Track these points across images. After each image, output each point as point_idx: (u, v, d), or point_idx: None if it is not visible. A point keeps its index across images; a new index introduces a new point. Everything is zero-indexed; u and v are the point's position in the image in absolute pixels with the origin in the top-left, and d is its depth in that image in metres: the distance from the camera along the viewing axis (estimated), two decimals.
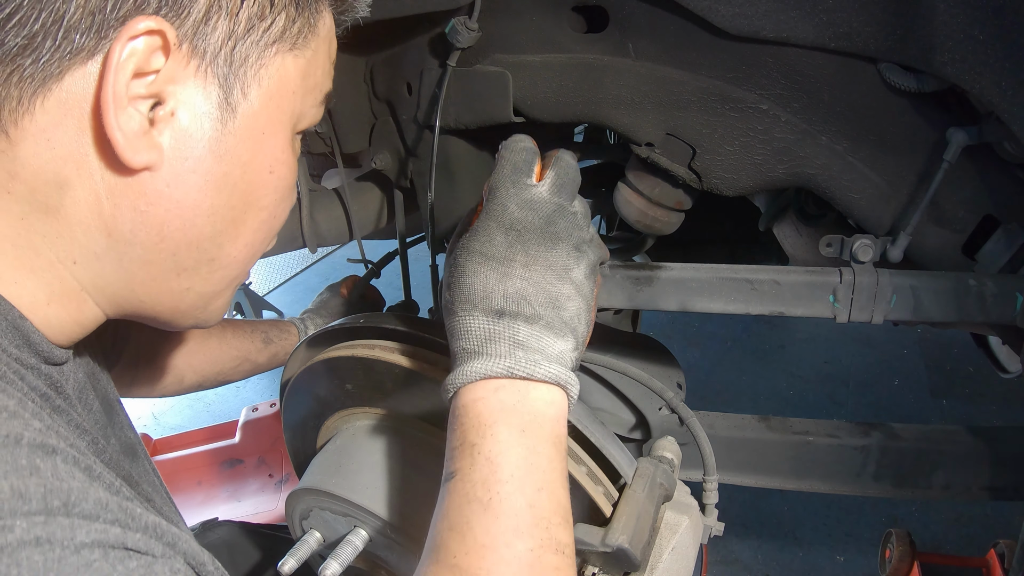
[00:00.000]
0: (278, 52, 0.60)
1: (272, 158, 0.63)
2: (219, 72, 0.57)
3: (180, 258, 0.61)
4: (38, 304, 0.58)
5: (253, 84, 0.59)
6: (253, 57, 0.59)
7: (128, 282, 0.61)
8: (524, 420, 0.61)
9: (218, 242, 0.62)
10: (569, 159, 0.71)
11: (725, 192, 0.99)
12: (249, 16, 0.57)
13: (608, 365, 0.98)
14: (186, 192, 0.58)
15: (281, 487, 2.41)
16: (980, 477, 1.09)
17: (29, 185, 0.54)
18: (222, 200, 0.60)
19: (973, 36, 0.76)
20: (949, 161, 0.84)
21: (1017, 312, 0.88)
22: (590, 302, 0.68)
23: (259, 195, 0.63)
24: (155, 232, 0.58)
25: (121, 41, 0.52)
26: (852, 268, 0.91)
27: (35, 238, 0.56)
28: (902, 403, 2.76)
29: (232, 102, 0.58)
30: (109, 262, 0.59)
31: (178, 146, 0.57)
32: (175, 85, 0.55)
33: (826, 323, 1.15)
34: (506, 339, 0.63)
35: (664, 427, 1.14)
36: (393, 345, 0.85)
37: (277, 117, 0.62)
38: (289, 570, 0.85)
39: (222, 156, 0.59)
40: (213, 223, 0.61)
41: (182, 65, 0.55)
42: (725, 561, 2.16)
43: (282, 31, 0.60)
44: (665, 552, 0.76)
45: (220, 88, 0.57)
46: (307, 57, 0.63)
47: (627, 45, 0.95)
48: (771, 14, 0.84)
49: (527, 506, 0.57)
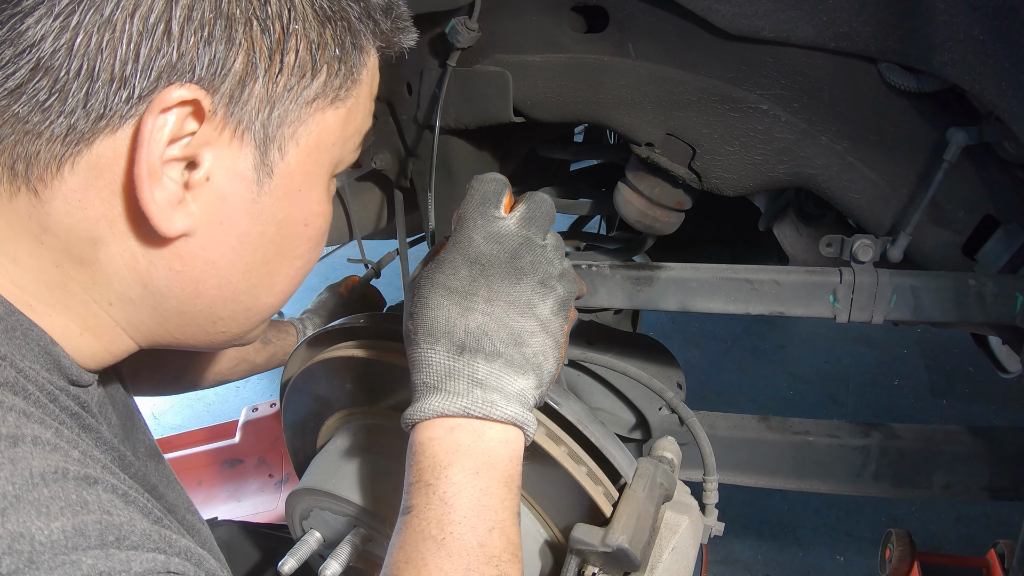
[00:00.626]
0: (318, 108, 0.59)
1: (308, 212, 0.62)
2: (255, 135, 0.56)
3: (216, 310, 0.62)
4: (71, 334, 0.58)
5: (290, 144, 0.58)
6: (291, 117, 0.57)
7: (163, 324, 0.61)
8: (478, 461, 0.63)
9: (254, 294, 0.63)
10: (542, 195, 0.70)
11: (725, 192, 0.99)
12: (288, 78, 0.56)
13: (608, 365, 0.98)
14: (221, 253, 0.58)
15: (281, 487, 2.41)
16: (980, 477, 1.09)
17: (62, 240, 0.54)
18: (257, 257, 0.61)
19: (973, 36, 0.76)
20: (949, 161, 0.84)
21: (1017, 312, 0.88)
22: (558, 339, 0.68)
23: (294, 247, 0.63)
24: (190, 289, 0.59)
25: (154, 113, 0.51)
26: (852, 268, 0.91)
27: (70, 283, 0.56)
28: (902, 403, 2.76)
29: (268, 163, 0.57)
30: (144, 308, 0.59)
31: (213, 211, 0.56)
32: (210, 149, 0.54)
33: (826, 323, 1.16)
34: (465, 377, 0.63)
35: (664, 427, 1.14)
36: (393, 345, 0.85)
37: (315, 171, 0.61)
38: (289, 570, 0.85)
39: (257, 217, 0.58)
40: (248, 279, 0.61)
41: (217, 131, 0.54)
42: (725, 561, 2.16)
43: (323, 87, 0.58)
44: (665, 552, 0.76)
45: (256, 150, 0.56)
46: (348, 106, 0.61)
47: (627, 45, 0.95)
48: (771, 14, 0.84)
49: (478, 545, 0.59)
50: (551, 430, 0.78)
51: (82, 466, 0.49)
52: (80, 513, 0.45)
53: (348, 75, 0.60)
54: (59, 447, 0.49)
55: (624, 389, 1.14)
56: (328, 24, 0.57)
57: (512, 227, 0.67)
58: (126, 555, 0.46)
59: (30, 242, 0.54)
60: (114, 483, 0.51)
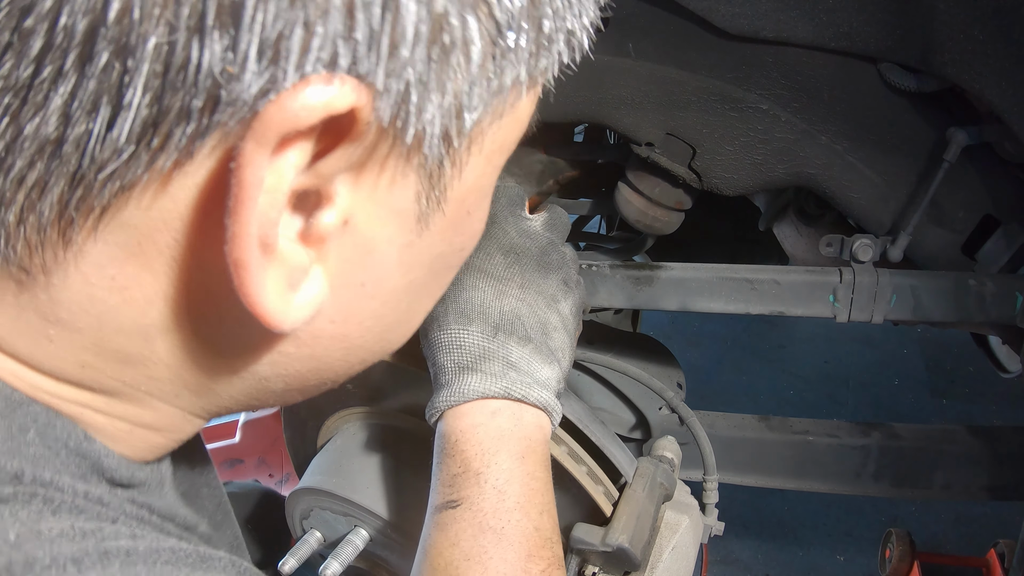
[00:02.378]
0: (516, 96, 0.37)
1: (470, 233, 0.44)
2: (431, 150, 0.34)
3: (330, 376, 0.44)
4: (119, 432, 0.41)
5: (473, 153, 0.37)
6: (485, 115, 0.36)
7: (258, 400, 0.43)
8: (522, 447, 0.62)
9: (390, 339, 0.46)
10: (561, 209, 0.74)
11: (725, 192, 0.99)
12: (502, 56, 0.34)
13: (608, 365, 0.98)
14: (358, 322, 0.40)
15: (281, 487, 2.40)
16: (980, 477, 1.09)
17: (86, 335, 0.35)
18: (401, 309, 0.43)
19: (973, 36, 0.76)
20: (949, 161, 0.84)
21: (1017, 312, 0.88)
22: (573, 340, 0.70)
23: (444, 279, 0.46)
24: (305, 370, 0.41)
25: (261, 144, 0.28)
26: (852, 268, 0.91)
27: (107, 382, 0.38)
28: (902, 403, 2.76)
29: (441, 187, 0.37)
30: (234, 392, 0.41)
31: (352, 269, 0.37)
32: (352, 176, 0.33)
33: (826, 323, 1.15)
34: (500, 358, 0.63)
35: (664, 427, 1.14)
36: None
37: (490, 182, 0.42)
38: (289, 570, 0.85)
39: (413, 264, 0.40)
40: (383, 337, 0.44)
41: (370, 148, 0.32)
42: (725, 561, 2.15)
43: (514, 80, 0.35)
44: (665, 552, 0.76)
45: (426, 174, 0.36)
46: (519, 110, 0.40)
47: (627, 45, 0.95)
48: (771, 14, 0.84)
49: (534, 529, 0.59)
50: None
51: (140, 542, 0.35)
52: None
53: (532, 73, 0.37)
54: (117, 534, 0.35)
55: (624, 389, 1.14)
56: (525, 7, 0.33)
57: (539, 228, 0.71)
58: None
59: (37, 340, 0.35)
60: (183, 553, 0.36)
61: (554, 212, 0.73)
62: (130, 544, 0.35)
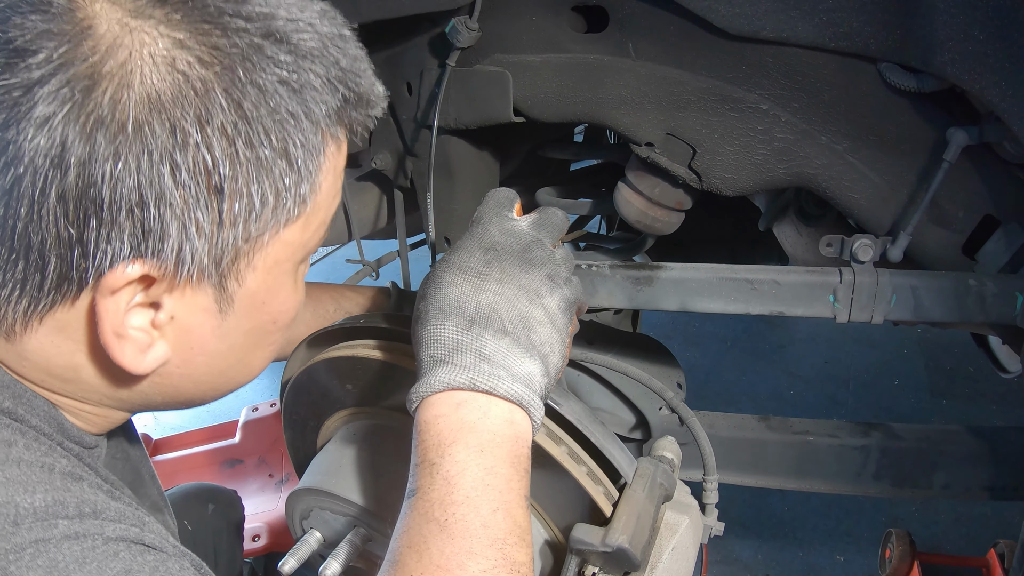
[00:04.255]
0: (272, 236, 0.57)
1: (275, 312, 0.64)
2: (209, 278, 0.56)
3: (196, 397, 0.67)
4: (70, 410, 0.64)
5: (247, 272, 0.58)
6: (243, 252, 0.57)
7: (151, 403, 0.66)
8: (483, 439, 0.62)
9: (230, 382, 0.68)
10: (555, 209, 0.75)
11: (725, 192, 0.99)
12: (231, 222, 0.54)
13: (608, 365, 0.98)
14: (196, 367, 0.62)
15: (281, 487, 2.40)
16: (980, 477, 1.09)
17: (42, 368, 0.59)
18: (231, 360, 0.64)
19: (973, 36, 0.76)
20: (949, 161, 0.84)
21: (1017, 312, 0.88)
22: (564, 335, 0.69)
23: (264, 340, 0.66)
24: (171, 391, 0.64)
25: (104, 295, 0.53)
26: (852, 268, 0.91)
27: (56, 393, 0.62)
28: (902, 403, 2.75)
29: (228, 294, 0.58)
30: (132, 400, 0.65)
31: (181, 341, 0.59)
32: (168, 296, 0.56)
33: (826, 323, 1.15)
34: (472, 351, 0.63)
35: (664, 427, 1.14)
36: (393, 345, 0.85)
37: (277, 281, 0.62)
38: (289, 570, 0.85)
39: (225, 336, 0.61)
40: (222, 376, 0.66)
41: (170, 284, 0.55)
42: (725, 561, 2.15)
43: (271, 217, 0.56)
44: (665, 552, 0.76)
45: (214, 289, 0.57)
46: (306, 215, 0.59)
47: (627, 45, 0.95)
48: (771, 14, 0.84)
49: (481, 526, 0.58)
50: (551, 430, 0.78)
51: (72, 467, 0.57)
52: (62, 492, 0.52)
53: (300, 196, 0.57)
54: (49, 455, 0.56)
55: (624, 389, 1.14)
56: (269, 160, 0.54)
57: (524, 227, 0.72)
58: (100, 523, 0.52)
59: (15, 362, 0.59)
60: (100, 483, 0.58)
61: (544, 212, 0.73)
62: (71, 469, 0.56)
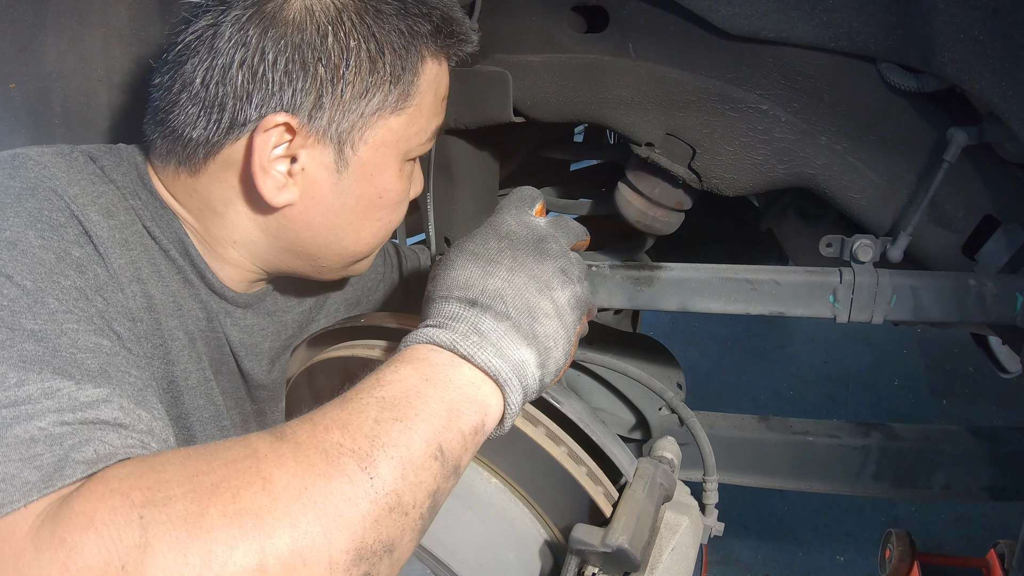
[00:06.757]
0: (380, 117, 0.78)
1: (381, 188, 0.83)
2: (332, 139, 0.77)
3: (314, 252, 0.85)
4: (205, 249, 0.83)
5: (360, 144, 0.78)
6: (358, 125, 0.77)
7: (277, 257, 0.85)
8: (435, 375, 0.59)
9: (343, 244, 0.85)
10: (574, 219, 0.78)
11: (725, 192, 0.99)
12: (350, 98, 0.76)
13: (608, 365, 0.98)
14: (314, 217, 0.81)
15: None
16: (980, 477, 1.09)
17: (204, 198, 0.80)
18: (343, 220, 0.82)
19: (973, 36, 0.76)
20: (949, 161, 0.84)
21: (1017, 312, 0.88)
22: (570, 333, 0.67)
23: (371, 213, 0.84)
24: (294, 237, 0.83)
25: (260, 132, 0.74)
26: (852, 268, 0.91)
27: (208, 223, 0.82)
28: (902, 403, 2.76)
29: (344, 158, 0.78)
30: (261, 246, 0.84)
31: (307, 189, 0.79)
32: (303, 149, 0.77)
33: (826, 323, 1.16)
34: (468, 322, 0.63)
35: (664, 427, 1.14)
36: (394, 345, 0.85)
37: (383, 160, 0.81)
38: None
39: (340, 193, 0.80)
40: (336, 234, 0.83)
41: (304, 138, 0.76)
42: (725, 561, 2.16)
43: (381, 102, 0.78)
44: (665, 552, 0.76)
45: (334, 149, 0.78)
46: (409, 112, 0.80)
47: (627, 45, 0.95)
48: (771, 14, 0.84)
49: (373, 421, 0.55)
50: (551, 430, 0.78)
51: (86, 260, 0.70)
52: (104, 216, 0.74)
53: (404, 89, 0.79)
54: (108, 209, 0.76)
55: (624, 389, 1.14)
56: (379, 59, 0.76)
57: (541, 223, 0.73)
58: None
59: (186, 196, 0.81)
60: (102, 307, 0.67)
61: (564, 218, 0.76)
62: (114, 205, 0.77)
